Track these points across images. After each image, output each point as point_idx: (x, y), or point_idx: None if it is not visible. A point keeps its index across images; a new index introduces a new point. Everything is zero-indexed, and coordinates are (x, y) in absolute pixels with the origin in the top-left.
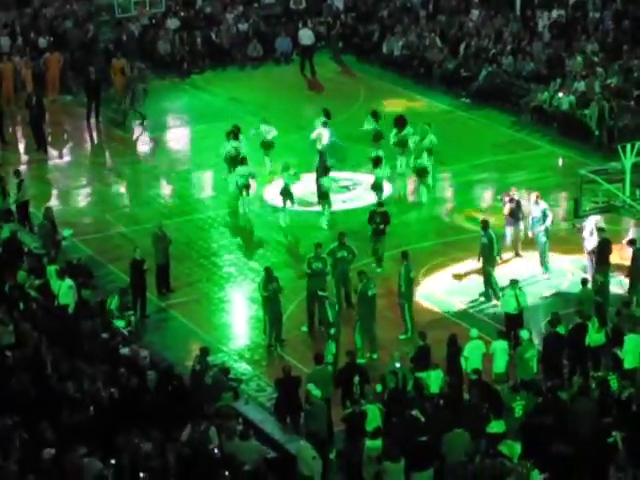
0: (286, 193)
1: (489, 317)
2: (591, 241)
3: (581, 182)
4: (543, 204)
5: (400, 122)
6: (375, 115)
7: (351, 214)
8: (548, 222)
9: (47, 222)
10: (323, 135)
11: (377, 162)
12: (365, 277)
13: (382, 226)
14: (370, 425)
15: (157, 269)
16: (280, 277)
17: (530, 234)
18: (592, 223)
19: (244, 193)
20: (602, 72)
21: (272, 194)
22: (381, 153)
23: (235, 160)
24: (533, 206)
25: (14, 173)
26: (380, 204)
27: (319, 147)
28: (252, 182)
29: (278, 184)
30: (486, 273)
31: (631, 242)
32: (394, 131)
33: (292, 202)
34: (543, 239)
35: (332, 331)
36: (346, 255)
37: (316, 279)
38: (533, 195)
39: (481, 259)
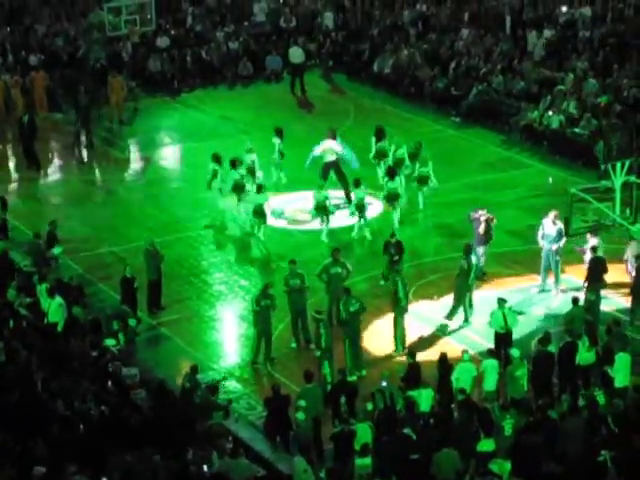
0: (361, 208)
1: (479, 334)
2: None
3: (571, 201)
4: (560, 224)
5: (378, 134)
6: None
7: (341, 232)
8: (562, 242)
9: (37, 240)
10: (333, 147)
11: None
12: (346, 293)
13: (397, 257)
14: (360, 443)
15: (149, 285)
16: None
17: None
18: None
19: (258, 221)
20: (592, 90)
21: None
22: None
23: (243, 188)
24: (549, 224)
25: None
26: (393, 234)
27: (331, 159)
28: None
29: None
30: (459, 295)
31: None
32: (372, 142)
33: (364, 217)
34: (556, 258)
35: (327, 354)
36: (340, 271)
37: (296, 296)
38: (551, 214)
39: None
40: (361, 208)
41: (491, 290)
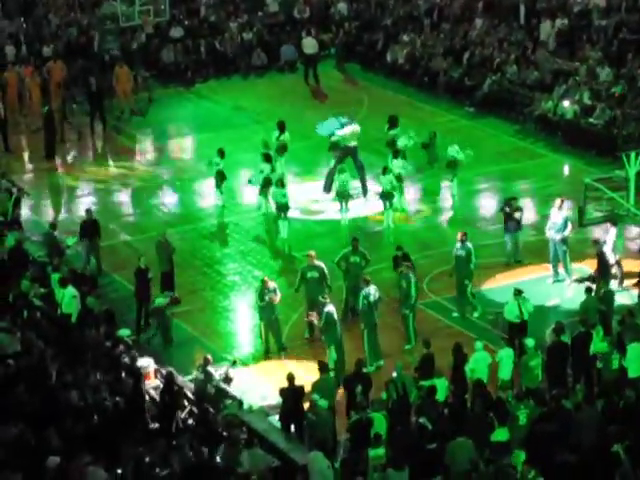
0: (387, 196)
1: (491, 324)
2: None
3: (585, 191)
4: (565, 212)
5: (392, 121)
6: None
7: (359, 222)
8: (567, 231)
9: (52, 230)
10: (358, 132)
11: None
12: (367, 284)
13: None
14: (373, 433)
15: (161, 277)
16: (283, 285)
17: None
18: (612, 236)
19: (282, 214)
20: (605, 80)
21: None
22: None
23: (270, 181)
24: (555, 212)
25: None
26: (399, 247)
27: (352, 144)
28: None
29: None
30: (462, 286)
31: None
32: (385, 128)
33: (391, 205)
34: (563, 248)
35: (330, 338)
36: (359, 260)
37: (312, 287)
38: (558, 200)
39: (456, 272)
40: (388, 195)
41: (506, 281)
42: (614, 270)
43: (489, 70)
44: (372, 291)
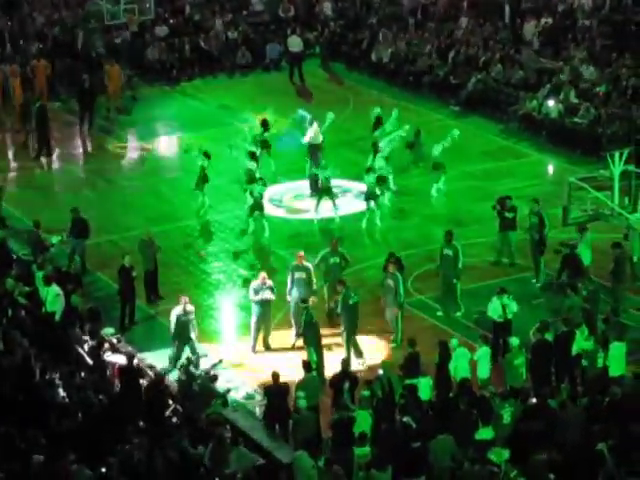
0: (370, 197)
1: (474, 323)
2: None
3: (570, 190)
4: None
5: (377, 122)
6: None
7: (340, 221)
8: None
9: (36, 229)
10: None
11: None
12: (345, 286)
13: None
14: (358, 431)
15: (145, 276)
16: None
17: None
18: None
19: (258, 212)
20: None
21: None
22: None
23: (254, 178)
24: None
25: None
26: (392, 254)
27: (321, 139)
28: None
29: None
30: (452, 286)
31: (615, 246)
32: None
33: (377, 205)
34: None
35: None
36: (339, 261)
37: (300, 286)
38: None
39: (442, 271)
40: (372, 196)
41: (490, 280)
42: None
43: (474, 69)
44: (350, 293)
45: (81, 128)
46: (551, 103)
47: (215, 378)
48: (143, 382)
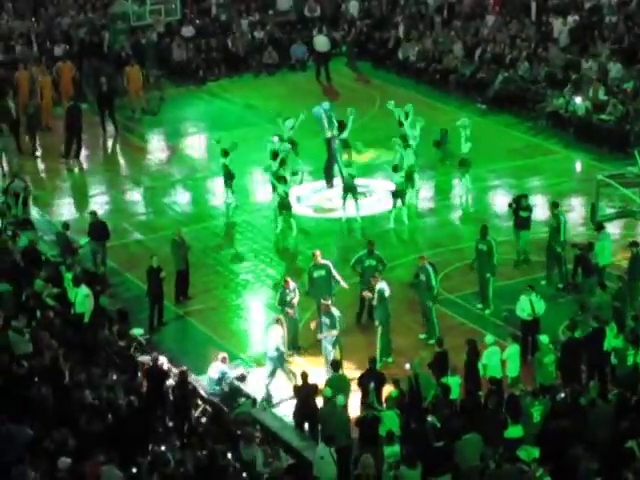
0: (398, 194)
1: (503, 321)
2: None
3: (598, 187)
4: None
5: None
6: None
7: (368, 220)
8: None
9: (64, 230)
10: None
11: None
12: (376, 280)
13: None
14: (385, 430)
15: (177, 276)
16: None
17: None
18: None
19: (284, 212)
20: (617, 76)
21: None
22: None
23: (278, 177)
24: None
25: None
26: (422, 256)
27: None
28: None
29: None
30: (485, 280)
31: (633, 244)
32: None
33: (403, 202)
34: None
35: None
36: (375, 264)
37: (321, 285)
38: None
39: (476, 267)
40: (399, 193)
41: (518, 278)
42: None
43: (501, 67)
44: (385, 286)
45: (104, 130)
46: (578, 100)
47: (244, 378)
48: (171, 383)
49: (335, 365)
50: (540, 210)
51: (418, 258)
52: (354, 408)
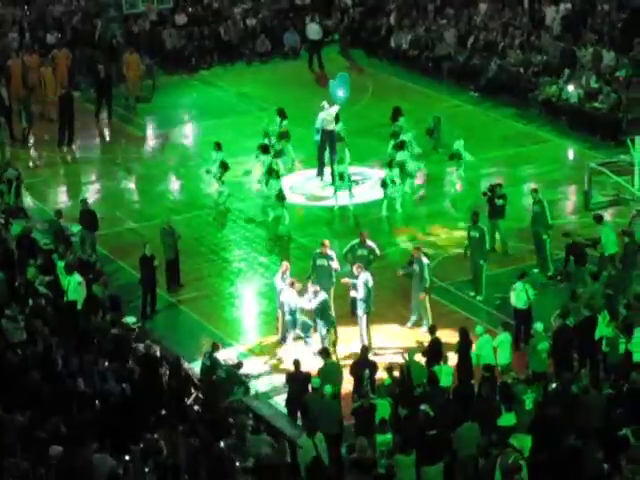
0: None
1: (495, 309)
2: None
3: (590, 175)
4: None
5: (395, 113)
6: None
7: (361, 208)
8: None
9: (57, 218)
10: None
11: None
12: (360, 270)
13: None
14: (378, 419)
15: (166, 265)
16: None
17: None
18: None
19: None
20: (610, 64)
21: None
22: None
23: (272, 171)
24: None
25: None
26: (418, 248)
27: (332, 127)
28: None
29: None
30: (478, 267)
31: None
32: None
33: (396, 192)
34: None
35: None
36: (366, 254)
37: (322, 274)
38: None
39: (469, 253)
40: (388, 182)
41: (511, 265)
42: None
43: (493, 55)
44: (369, 277)
45: (98, 117)
46: (571, 88)
47: (240, 365)
48: (164, 370)
49: (324, 353)
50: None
51: (414, 249)
52: (347, 396)
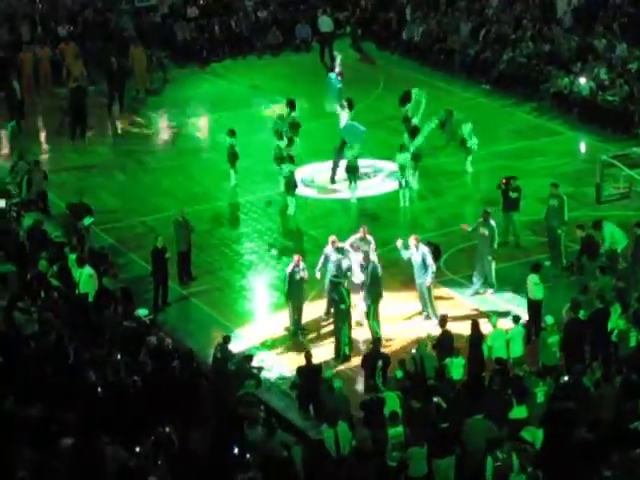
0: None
1: (506, 301)
2: None
3: (602, 167)
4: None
5: (404, 97)
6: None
7: (372, 201)
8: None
9: (69, 211)
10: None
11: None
12: (371, 261)
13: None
14: (388, 411)
15: (179, 256)
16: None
17: None
18: None
19: (290, 192)
20: (622, 56)
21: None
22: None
23: (282, 157)
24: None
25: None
26: (429, 242)
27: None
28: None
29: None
30: (486, 263)
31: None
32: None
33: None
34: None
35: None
36: (367, 249)
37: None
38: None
39: (478, 250)
40: (403, 170)
41: (522, 258)
42: None
43: (505, 47)
44: (378, 266)
45: (110, 110)
46: (583, 81)
47: (250, 358)
48: (176, 363)
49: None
50: (543, 191)
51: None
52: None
